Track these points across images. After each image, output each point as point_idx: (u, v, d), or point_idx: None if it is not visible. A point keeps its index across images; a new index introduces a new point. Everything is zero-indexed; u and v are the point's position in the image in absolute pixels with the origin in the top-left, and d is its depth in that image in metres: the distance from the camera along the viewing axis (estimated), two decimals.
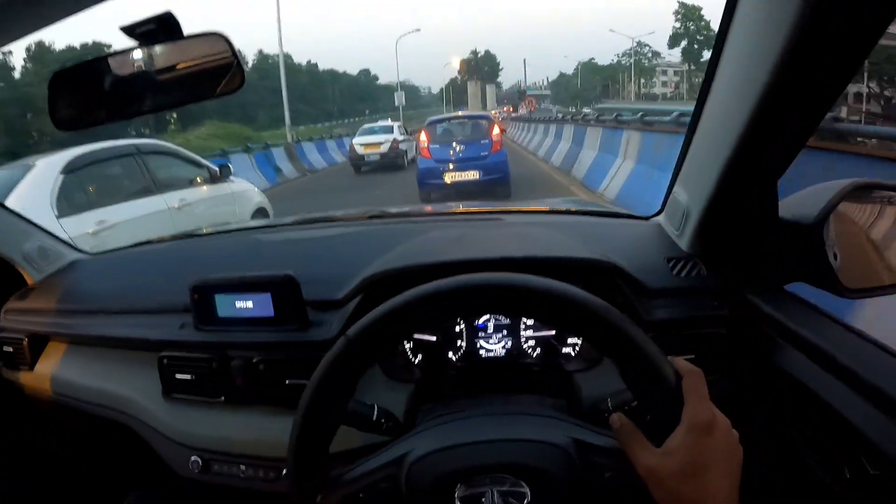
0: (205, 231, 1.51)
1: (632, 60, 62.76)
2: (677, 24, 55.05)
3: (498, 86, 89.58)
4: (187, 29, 0.66)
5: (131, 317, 1.02)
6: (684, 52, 55.46)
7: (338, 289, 0.90)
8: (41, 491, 1.23)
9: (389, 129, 14.57)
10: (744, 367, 0.79)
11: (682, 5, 54.32)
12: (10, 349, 1.12)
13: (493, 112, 48.75)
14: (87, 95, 0.74)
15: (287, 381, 0.84)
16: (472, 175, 7.72)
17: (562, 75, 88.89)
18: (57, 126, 0.74)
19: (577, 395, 0.80)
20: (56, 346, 1.10)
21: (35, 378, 1.10)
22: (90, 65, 0.73)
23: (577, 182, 8.78)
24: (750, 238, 0.80)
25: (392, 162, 13.66)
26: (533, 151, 14.60)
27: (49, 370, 1.09)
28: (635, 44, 61.50)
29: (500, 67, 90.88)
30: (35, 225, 1.23)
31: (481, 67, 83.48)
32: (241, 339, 0.87)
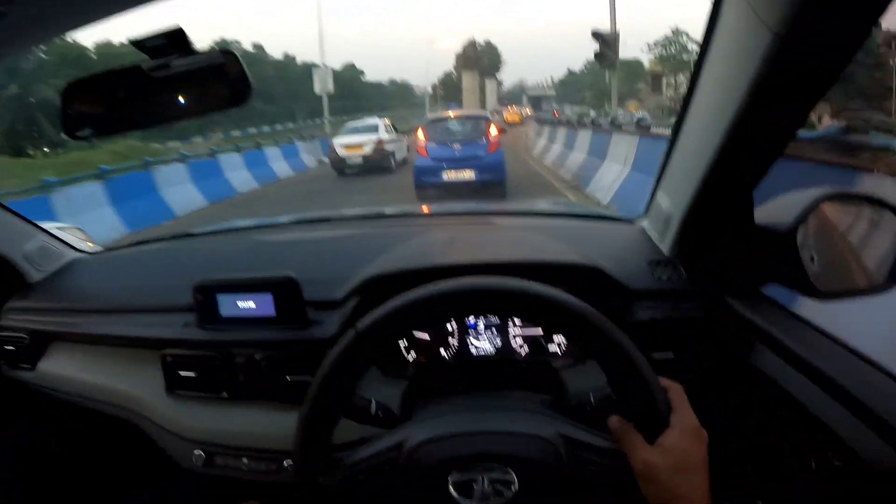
0: (202, 231, 1.65)
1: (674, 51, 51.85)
2: None
3: (499, 84, 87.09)
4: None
5: (133, 316, 1.15)
6: None
7: (336, 289, 1.04)
8: (41, 490, 1.36)
9: (374, 129, 14.44)
10: (720, 366, 0.93)
11: None
12: (12, 348, 1.25)
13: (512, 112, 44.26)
14: (98, 106, 0.85)
15: (288, 378, 0.98)
16: (468, 174, 8.28)
17: (570, 74, 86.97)
18: (68, 135, 0.86)
19: (563, 391, 0.93)
20: (58, 345, 1.23)
21: (37, 376, 1.23)
22: (102, 76, 0.85)
23: None
24: (727, 243, 0.93)
25: (377, 164, 13.60)
26: None
27: (51, 369, 1.22)
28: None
29: (502, 61, 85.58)
30: (35, 224, 1.37)
31: (481, 58, 75.95)
32: (244, 338, 1.01)
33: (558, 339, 1.06)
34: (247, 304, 1.01)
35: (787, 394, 0.78)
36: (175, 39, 0.75)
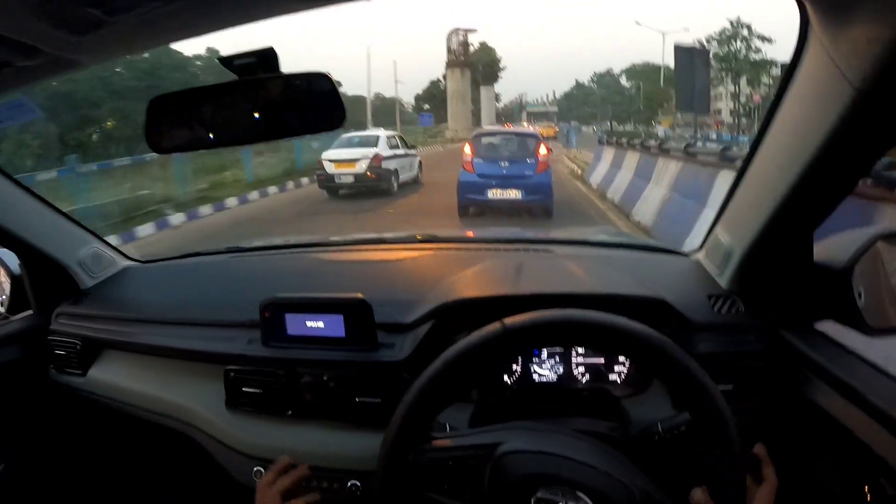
0: (257, 245, 1.74)
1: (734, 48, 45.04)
2: None
3: (496, 98, 70.44)
4: None
5: (192, 329, 1.24)
6: None
7: (407, 313, 1.13)
8: (88, 494, 1.46)
9: (372, 141, 13.06)
10: (777, 398, 1.02)
11: None
12: (63, 352, 1.34)
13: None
14: (182, 122, 0.95)
15: (357, 399, 1.06)
16: (514, 194, 8.57)
17: (578, 86, 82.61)
18: (152, 148, 0.95)
19: (625, 420, 1.02)
20: (111, 352, 1.33)
21: (88, 383, 1.32)
22: (188, 93, 0.93)
23: None
24: (785, 279, 1.04)
25: (372, 186, 12.30)
26: None
27: (103, 376, 1.31)
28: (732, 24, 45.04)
29: (502, 67, 67.15)
30: (90, 231, 1.46)
31: (474, 64, 55.81)
32: (312, 357, 1.09)
33: (618, 368, 1.15)
34: (316, 324, 1.09)
35: (841, 425, 0.86)
36: (265, 59, 0.83)
